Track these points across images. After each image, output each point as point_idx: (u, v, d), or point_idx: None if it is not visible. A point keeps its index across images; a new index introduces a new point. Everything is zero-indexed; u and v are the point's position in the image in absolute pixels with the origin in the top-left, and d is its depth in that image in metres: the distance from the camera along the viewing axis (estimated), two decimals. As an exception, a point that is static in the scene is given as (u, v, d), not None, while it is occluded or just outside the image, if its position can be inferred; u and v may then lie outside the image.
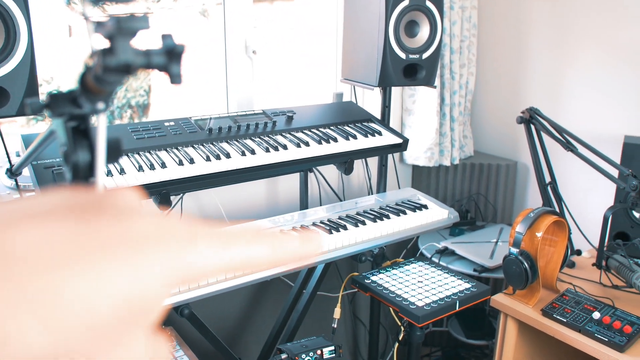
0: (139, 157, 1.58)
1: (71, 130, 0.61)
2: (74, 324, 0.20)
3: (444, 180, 2.81)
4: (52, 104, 0.60)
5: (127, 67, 0.47)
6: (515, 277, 1.72)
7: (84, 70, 0.53)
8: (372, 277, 1.79)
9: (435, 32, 2.04)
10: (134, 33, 0.46)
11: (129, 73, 0.48)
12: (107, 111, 0.59)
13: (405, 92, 2.69)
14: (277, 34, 2.49)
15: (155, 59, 0.47)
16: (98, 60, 0.48)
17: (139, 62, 0.47)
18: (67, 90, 0.60)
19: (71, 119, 0.62)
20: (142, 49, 0.47)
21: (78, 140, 0.61)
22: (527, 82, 2.76)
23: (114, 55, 0.46)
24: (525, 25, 2.72)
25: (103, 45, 0.48)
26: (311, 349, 1.52)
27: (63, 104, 0.60)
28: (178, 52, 0.48)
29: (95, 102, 0.57)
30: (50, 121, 0.72)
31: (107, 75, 0.49)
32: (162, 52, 0.48)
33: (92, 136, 0.61)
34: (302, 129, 1.90)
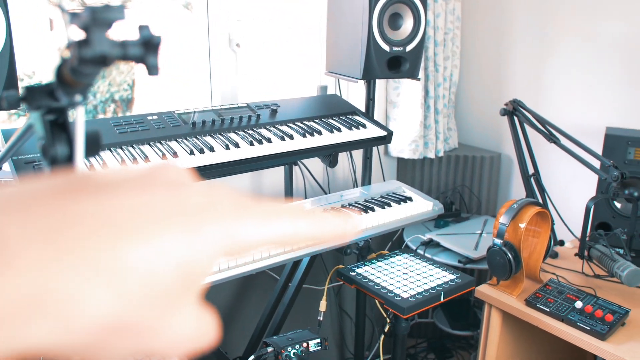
0: (122, 151, 1.57)
1: (49, 123, 0.61)
2: (139, 289, 0.22)
3: (428, 172, 2.82)
4: (29, 97, 0.59)
5: (103, 58, 0.46)
6: (499, 267, 1.73)
7: (60, 62, 0.53)
8: (358, 269, 1.79)
9: (418, 25, 2.04)
10: (110, 24, 0.46)
11: (105, 64, 0.48)
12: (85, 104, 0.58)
13: (390, 85, 2.69)
14: (261, 27, 2.48)
15: (132, 50, 0.47)
16: (74, 51, 0.47)
17: (115, 53, 0.46)
18: (43, 83, 0.59)
19: (49, 112, 0.61)
20: (118, 40, 0.47)
21: (56, 134, 0.60)
22: (511, 75, 2.78)
23: (90, 47, 0.45)
24: (508, 18, 2.73)
25: (79, 37, 0.47)
26: (297, 342, 1.53)
27: (40, 97, 0.59)
28: (155, 43, 0.48)
29: (73, 94, 0.56)
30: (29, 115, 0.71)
31: (83, 67, 0.48)
32: (139, 43, 0.47)
33: (71, 129, 0.61)
34: (287, 122, 1.90)
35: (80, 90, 0.55)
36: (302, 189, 2.41)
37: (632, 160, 1.92)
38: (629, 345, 1.54)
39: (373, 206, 1.88)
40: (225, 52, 2.30)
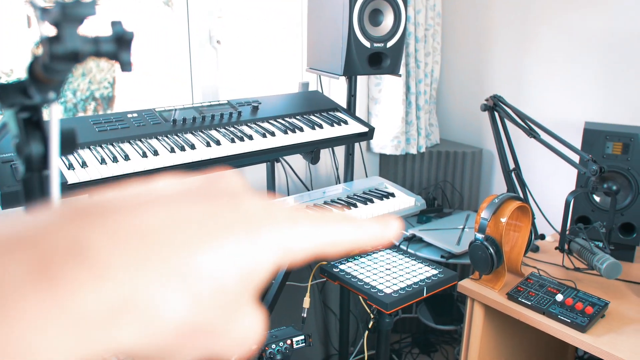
0: (101, 149, 1.55)
1: (23, 121, 0.60)
2: (209, 293, 0.23)
3: (410, 168, 2.83)
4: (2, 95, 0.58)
5: (75, 54, 0.45)
6: (481, 262, 1.74)
7: (32, 59, 0.52)
8: (341, 265, 1.79)
9: (399, 21, 2.04)
10: (81, 20, 0.45)
11: (77, 61, 0.47)
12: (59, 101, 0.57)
13: (371, 81, 2.70)
14: (242, 24, 2.46)
15: (104, 47, 0.46)
16: (45, 48, 0.46)
17: (87, 49, 0.46)
18: (15, 80, 0.58)
19: (23, 110, 0.60)
20: (90, 36, 0.46)
21: (30, 132, 0.59)
22: (491, 70, 2.80)
23: (61, 43, 0.45)
24: (489, 14, 2.75)
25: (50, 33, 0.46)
26: (281, 339, 1.53)
27: (13, 95, 0.58)
28: (127, 39, 0.47)
29: (46, 92, 0.55)
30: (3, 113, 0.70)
31: (55, 64, 0.47)
32: (112, 39, 0.47)
33: (45, 127, 0.60)
34: (268, 119, 1.89)
35: (54, 87, 0.55)
36: (285, 185, 2.41)
37: (610, 155, 1.94)
38: (609, 336, 1.56)
39: (356, 202, 1.88)
40: (205, 49, 2.28)
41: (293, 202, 1.88)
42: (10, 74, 1.97)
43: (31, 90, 0.55)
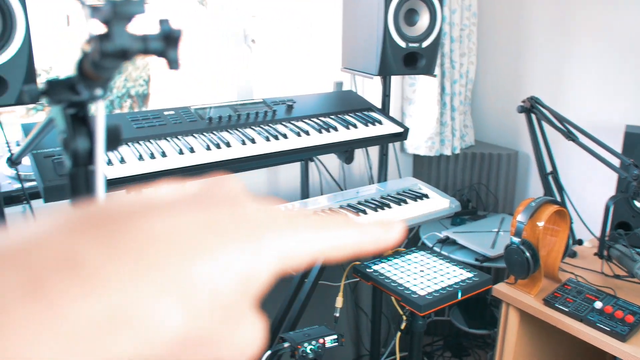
0: (139, 146, 1.58)
1: (70, 117, 0.61)
2: (207, 302, 0.22)
3: (444, 169, 2.80)
4: (50, 91, 0.60)
5: (124, 52, 0.46)
6: (517, 266, 1.71)
7: (81, 56, 0.53)
8: (374, 266, 1.78)
9: (435, 21, 2.02)
10: (130, 18, 0.46)
11: (126, 58, 0.48)
12: (106, 98, 0.58)
13: (406, 81, 2.68)
14: (277, 23, 2.47)
15: (153, 44, 0.47)
16: (95, 46, 0.47)
17: (136, 47, 0.46)
18: (64, 77, 0.59)
19: (70, 106, 0.61)
20: (139, 34, 0.47)
21: (77, 128, 0.60)
22: (528, 71, 2.75)
23: (111, 41, 0.45)
24: (526, 13, 2.70)
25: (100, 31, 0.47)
26: (313, 338, 1.53)
27: (61, 91, 0.59)
28: (175, 37, 0.47)
29: (93, 88, 0.56)
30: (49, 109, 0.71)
31: (104, 61, 0.48)
32: (159, 37, 0.47)
33: (91, 123, 0.61)
34: (303, 118, 1.89)
35: (101, 84, 0.55)
36: (318, 185, 2.41)
37: (653, 158, 1.89)
38: (650, 346, 1.52)
39: (389, 203, 1.87)
40: (240, 47, 2.30)
41: (326, 201, 1.87)
42: (50, 71, 2.02)
43: (79, 86, 0.56)
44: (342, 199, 1.90)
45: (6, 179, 1.67)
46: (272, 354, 1.54)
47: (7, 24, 1.31)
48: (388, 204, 1.86)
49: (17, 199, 1.65)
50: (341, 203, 1.87)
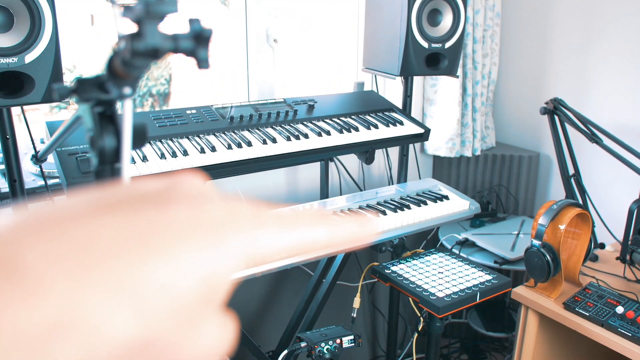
0: (161, 144, 1.59)
1: (98, 115, 0.62)
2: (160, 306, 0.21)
3: (465, 171, 2.78)
4: (79, 89, 0.60)
5: (155, 51, 0.46)
6: (537, 269, 1.70)
7: (112, 55, 0.53)
8: (393, 267, 1.78)
9: (458, 21, 2.01)
10: (162, 17, 0.46)
11: (156, 57, 0.48)
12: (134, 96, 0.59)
13: (427, 82, 2.66)
14: (299, 23, 2.48)
15: (183, 44, 0.47)
16: (126, 44, 0.48)
17: (166, 46, 0.47)
18: (93, 75, 0.60)
19: (98, 104, 0.62)
20: (169, 33, 0.47)
21: (104, 126, 0.61)
22: (552, 72, 2.72)
23: (142, 40, 0.46)
24: (551, 14, 2.68)
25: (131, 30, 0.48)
26: (330, 338, 1.53)
27: (90, 89, 0.60)
28: (206, 37, 0.48)
29: (122, 87, 0.57)
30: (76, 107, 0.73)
31: (135, 60, 0.49)
32: (190, 36, 0.48)
33: (118, 122, 0.62)
34: (324, 118, 1.90)
35: (130, 82, 0.56)
36: (337, 185, 2.41)
37: (678, 162, 1.86)
38: (673, 352, 1.50)
39: (409, 204, 1.87)
40: (262, 47, 2.31)
41: (345, 202, 1.87)
42: (73, 70, 2.04)
43: (108, 85, 0.56)
44: (361, 199, 1.90)
45: (30, 176, 1.70)
46: (288, 354, 1.54)
47: (36, 23, 1.33)
48: (408, 205, 1.85)
49: (40, 195, 1.68)
50: (360, 204, 1.86)
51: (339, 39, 2.61)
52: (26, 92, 1.35)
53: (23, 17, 1.32)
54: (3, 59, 1.30)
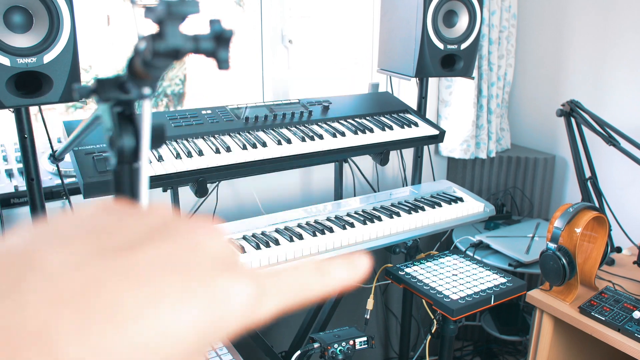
0: (177, 144, 1.60)
1: (117, 115, 0.62)
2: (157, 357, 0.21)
3: (479, 173, 2.77)
4: (99, 89, 0.61)
5: (176, 52, 0.47)
6: (553, 272, 1.68)
7: (132, 55, 0.54)
8: (406, 269, 1.78)
9: (474, 22, 2.00)
10: (184, 18, 0.46)
11: (177, 58, 0.48)
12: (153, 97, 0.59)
13: (442, 83, 2.65)
14: (314, 24, 2.48)
15: (204, 44, 0.47)
16: (147, 45, 0.48)
17: (187, 47, 0.47)
18: (113, 75, 0.61)
19: (117, 104, 0.62)
20: (190, 33, 0.47)
21: (123, 126, 0.61)
22: (568, 74, 2.69)
23: (164, 40, 0.46)
24: (568, 15, 2.65)
25: (152, 30, 0.48)
26: (343, 339, 1.52)
27: (110, 89, 0.60)
28: (226, 37, 0.48)
29: (142, 87, 0.57)
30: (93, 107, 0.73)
31: (156, 60, 0.49)
32: (211, 37, 0.48)
33: (137, 122, 0.62)
34: (338, 119, 1.90)
35: (150, 83, 0.56)
36: (351, 186, 2.41)
37: (697, 166, 1.83)
38: (691, 358, 1.48)
39: (423, 205, 1.86)
40: (277, 48, 2.31)
41: (359, 203, 1.87)
42: (89, 70, 2.06)
43: (128, 85, 0.57)
44: (375, 200, 1.90)
45: (47, 175, 1.71)
46: (301, 354, 1.54)
47: (54, 23, 1.34)
48: (422, 207, 1.84)
49: (57, 194, 1.70)
50: (374, 205, 1.86)
51: (353, 40, 2.61)
52: (44, 91, 1.37)
53: (42, 17, 1.33)
54: (22, 59, 1.32)
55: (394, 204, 1.88)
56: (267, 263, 1.49)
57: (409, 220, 1.76)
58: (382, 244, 1.70)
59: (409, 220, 1.76)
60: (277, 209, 2.19)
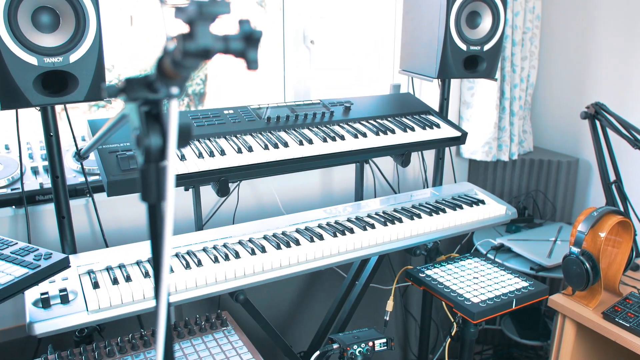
0: (199, 143, 1.61)
1: (144, 114, 0.63)
2: None
3: (501, 175, 2.74)
4: (128, 89, 0.61)
5: (207, 52, 0.47)
6: (576, 277, 1.66)
7: (162, 55, 0.54)
8: (427, 271, 1.76)
9: (497, 23, 1.98)
10: (214, 18, 0.47)
11: (207, 58, 0.49)
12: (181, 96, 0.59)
13: (464, 84, 2.63)
14: (336, 24, 2.48)
15: (234, 45, 0.48)
16: (178, 45, 0.48)
17: (217, 47, 0.47)
18: (142, 75, 0.61)
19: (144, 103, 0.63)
20: (220, 34, 0.48)
21: (151, 125, 0.62)
22: (593, 76, 2.66)
23: (194, 40, 0.46)
24: (592, 16, 2.62)
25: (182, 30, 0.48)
26: (363, 340, 1.52)
27: (138, 89, 0.61)
28: (256, 38, 0.48)
29: (170, 87, 0.58)
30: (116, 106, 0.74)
31: (186, 60, 0.49)
32: (240, 37, 0.48)
33: (164, 121, 0.62)
34: (360, 120, 1.89)
35: (178, 82, 0.57)
36: (372, 187, 2.40)
37: None
38: None
39: (444, 207, 1.85)
40: (299, 48, 2.31)
41: (379, 204, 1.87)
42: (112, 70, 2.08)
43: (157, 84, 0.57)
44: (396, 202, 1.89)
45: (71, 172, 1.73)
46: (321, 355, 1.54)
47: (81, 23, 1.36)
48: (443, 209, 1.83)
49: (81, 192, 1.72)
50: (395, 206, 1.85)
51: (374, 41, 2.60)
52: (70, 90, 1.38)
53: (68, 17, 1.35)
54: (49, 59, 1.34)
55: (415, 206, 1.87)
56: (288, 263, 1.49)
57: (430, 222, 1.75)
58: (403, 245, 1.69)
59: (429, 222, 1.75)
60: (297, 209, 2.20)
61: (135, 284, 1.35)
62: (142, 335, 1.43)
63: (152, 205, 0.65)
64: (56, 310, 1.24)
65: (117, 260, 1.45)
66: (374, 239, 1.64)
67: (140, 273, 1.40)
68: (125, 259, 1.46)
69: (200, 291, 1.38)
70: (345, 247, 1.59)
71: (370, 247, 1.63)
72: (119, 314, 1.29)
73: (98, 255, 1.47)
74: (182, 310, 2.00)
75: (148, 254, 1.48)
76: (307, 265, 1.52)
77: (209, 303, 2.07)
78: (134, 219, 1.94)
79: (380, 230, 1.67)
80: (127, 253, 1.48)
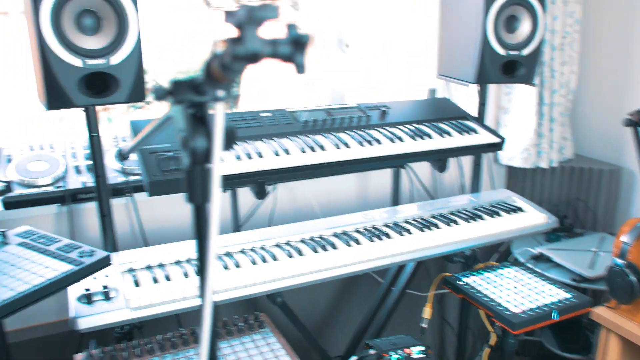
0: (237, 146, 1.62)
1: (190, 116, 0.63)
2: None
3: (540, 183, 2.69)
4: (175, 91, 0.62)
5: (255, 56, 0.47)
6: (620, 290, 1.62)
7: (210, 58, 0.54)
8: (465, 279, 1.74)
9: (536, 28, 1.95)
10: (262, 22, 0.47)
11: (255, 62, 0.49)
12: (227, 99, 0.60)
13: (501, 90, 2.60)
14: (371, 28, 2.47)
15: (282, 49, 0.48)
16: (227, 48, 0.49)
17: (266, 51, 0.47)
18: (189, 77, 0.62)
19: (190, 105, 0.64)
20: (269, 38, 0.48)
21: (197, 127, 0.63)
22: (636, 82, 2.58)
23: (243, 44, 0.47)
24: (635, 19, 2.55)
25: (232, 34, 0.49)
26: (399, 347, 1.50)
27: (185, 91, 0.62)
28: (304, 42, 0.48)
29: (217, 89, 0.58)
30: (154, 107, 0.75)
31: (235, 64, 0.49)
32: (288, 41, 0.48)
33: (210, 123, 0.63)
34: (396, 124, 1.88)
35: (225, 85, 0.57)
36: (408, 192, 2.38)
37: None
38: None
39: (482, 214, 1.82)
40: (334, 52, 2.32)
41: (416, 210, 1.85)
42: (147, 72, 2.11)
43: (204, 87, 0.58)
44: (433, 208, 1.87)
45: (112, 172, 1.77)
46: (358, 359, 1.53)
47: (122, 26, 1.39)
48: (480, 216, 1.81)
49: (121, 191, 1.75)
50: (432, 212, 1.83)
51: (409, 45, 2.58)
52: (111, 92, 1.41)
53: (110, 20, 1.38)
54: (91, 60, 1.37)
55: (452, 212, 1.85)
56: (325, 267, 1.49)
57: (468, 229, 1.73)
58: (439, 252, 1.67)
59: (467, 229, 1.73)
60: (332, 212, 2.19)
61: (175, 283, 1.37)
62: (182, 334, 1.45)
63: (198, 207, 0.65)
64: (99, 306, 1.27)
65: (157, 259, 1.47)
66: (411, 245, 1.62)
67: (180, 272, 1.42)
68: (165, 258, 1.48)
69: (239, 292, 1.39)
70: (382, 253, 1.58)
71: (407, 252, 1.62)
72: (159, 312, 1.31)
73: (138, 253, 1.50)
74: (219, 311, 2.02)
75: (187, 253, 1.50)
76: (344, 269, 1.52)
77: (245, 304, 2.08)
78: (173, 219, 1.97)
79: (417, 236, 1.65)
80: (167, 252, 1.50)
